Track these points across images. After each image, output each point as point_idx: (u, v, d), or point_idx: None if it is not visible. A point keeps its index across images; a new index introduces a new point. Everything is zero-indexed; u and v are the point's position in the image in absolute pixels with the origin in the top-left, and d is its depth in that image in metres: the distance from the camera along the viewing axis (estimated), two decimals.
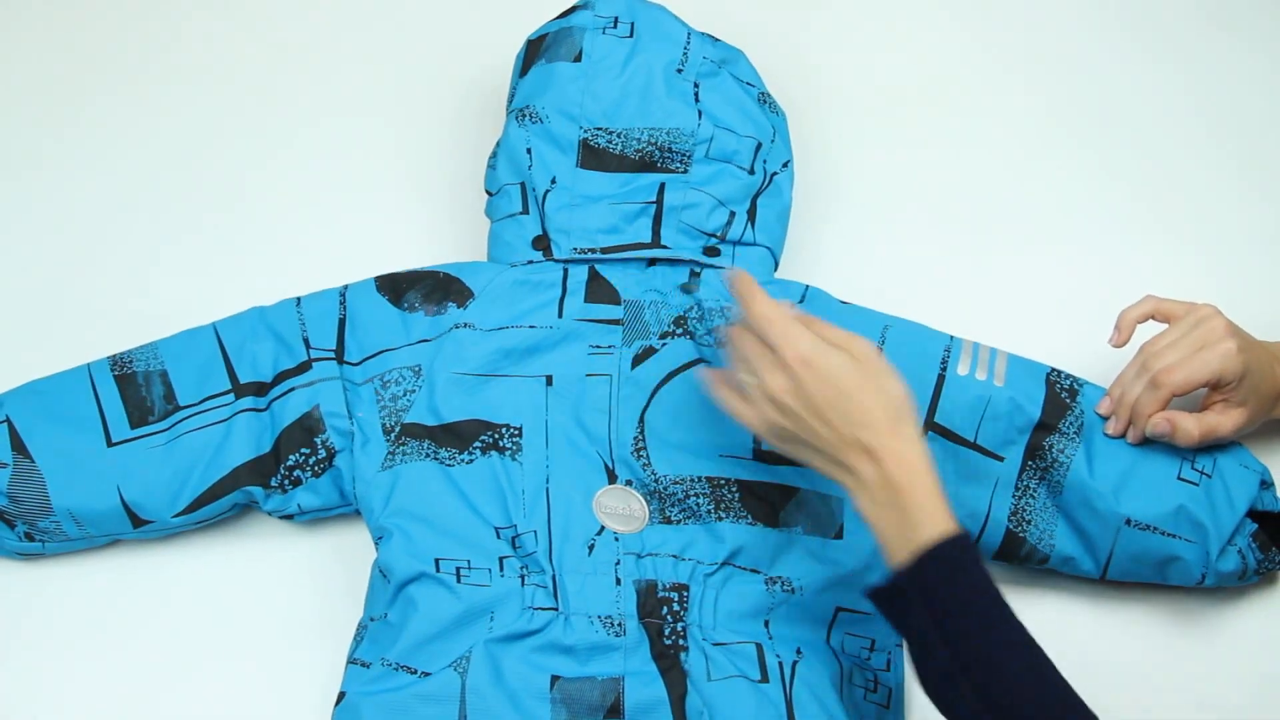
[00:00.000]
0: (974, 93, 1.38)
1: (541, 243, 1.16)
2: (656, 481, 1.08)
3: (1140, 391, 1.07)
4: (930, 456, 0.93)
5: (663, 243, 1.15)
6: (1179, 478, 1.07)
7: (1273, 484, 1.09)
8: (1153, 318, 1.10)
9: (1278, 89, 1.39)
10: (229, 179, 1.34)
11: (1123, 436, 1.09)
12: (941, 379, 1.11)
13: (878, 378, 0.94)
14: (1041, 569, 1.12)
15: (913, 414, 0.94)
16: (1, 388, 1.16)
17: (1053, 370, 1.13)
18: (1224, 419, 1.07)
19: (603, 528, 1.07)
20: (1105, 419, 1.10)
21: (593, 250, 1.15)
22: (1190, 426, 1.06)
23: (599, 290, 1.15)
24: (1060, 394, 1.11)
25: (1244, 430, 1.08)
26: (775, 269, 1.19)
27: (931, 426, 1.10)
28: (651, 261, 1.16)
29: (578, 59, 1.19)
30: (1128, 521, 1.07)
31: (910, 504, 0.91)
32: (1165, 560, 1.07)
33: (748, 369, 0.97)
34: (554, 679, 1.02)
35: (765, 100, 1.22)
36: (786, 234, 1.21)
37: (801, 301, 1.15)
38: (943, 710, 0.89)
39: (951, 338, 1.13)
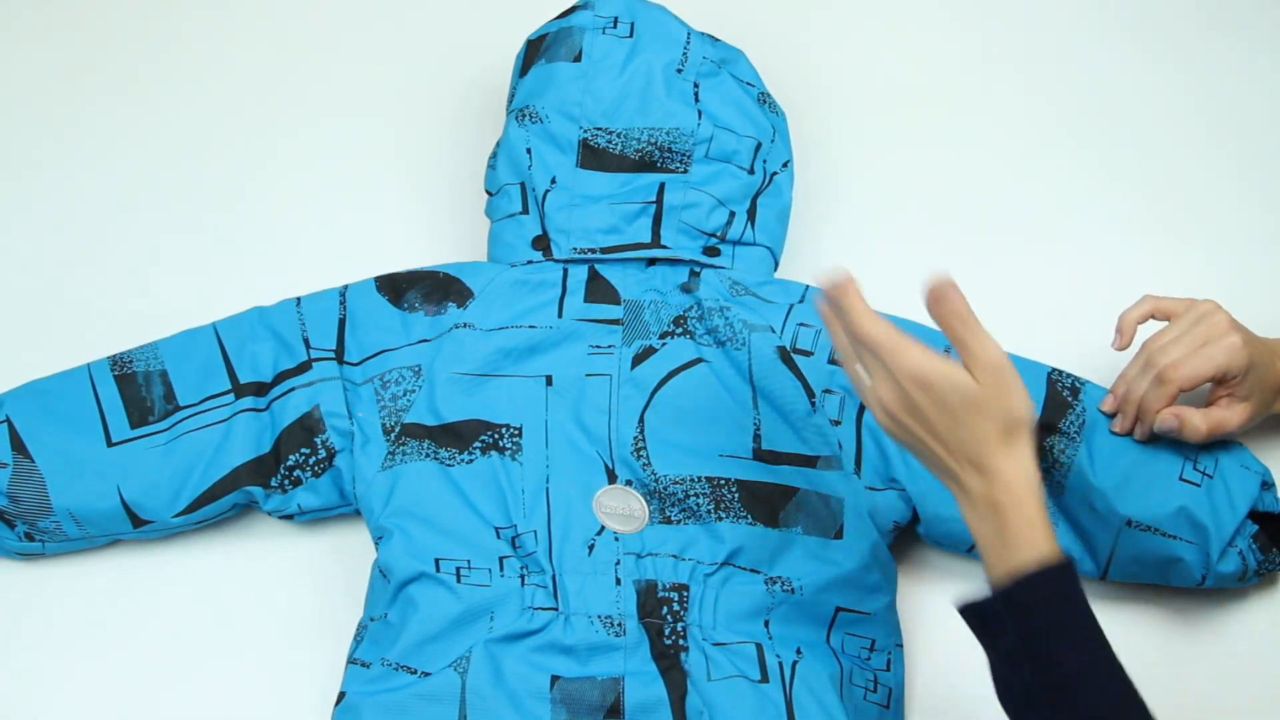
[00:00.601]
0: (974, 93, 1.38)
1: (541, 243, 1.16)
2: (656, 481, 1.08)
3: (1146, 388, 1.07)
4: (1038, 479, 0.91)
5: (662, 243, 1.15)
6: (1180, 478, 1.07)
7: (1273, 485, 1.09)
8: (1153, 316, 1.10)
9: (1278, 89, 1.38)
10: (229, 179, 1.34)
11: (1128, 434, 1.09)
12: None
13: (1000, 396, 0.90)
14: None
15: (1027, 434, 0.91)
16: (1, 387, 1.16)
17: (1054, 370, 1.13)
18: (1230, 414, 1.06)
19: (603, 528, 1.07)
20: (1109, 417, 1.10)
21: (592, 250, 1.15)
22: (1198, 422, 1.06)
23: (599, 290, 1.15)
24: (1062, 393, 1.11)
25: (1248, 425, 1.08)
26: (775, 269, 1.19)
27: None
28: (651, 261, 1.16)
29: (578, 59, 1.19)
30: (1129, 522, 1.06)
31: (1012, 526, 0.89)
32: (1166, 561, 1.07)
33: (864, 366, 0.95)
34: (554, 679, 1.02)
35: (765, 100, 1.22)
36: (786, 234, 1.21)
37: (801, 301, 1.15)
38: None
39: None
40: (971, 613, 0.91)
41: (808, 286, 1.16)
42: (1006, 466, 0.90)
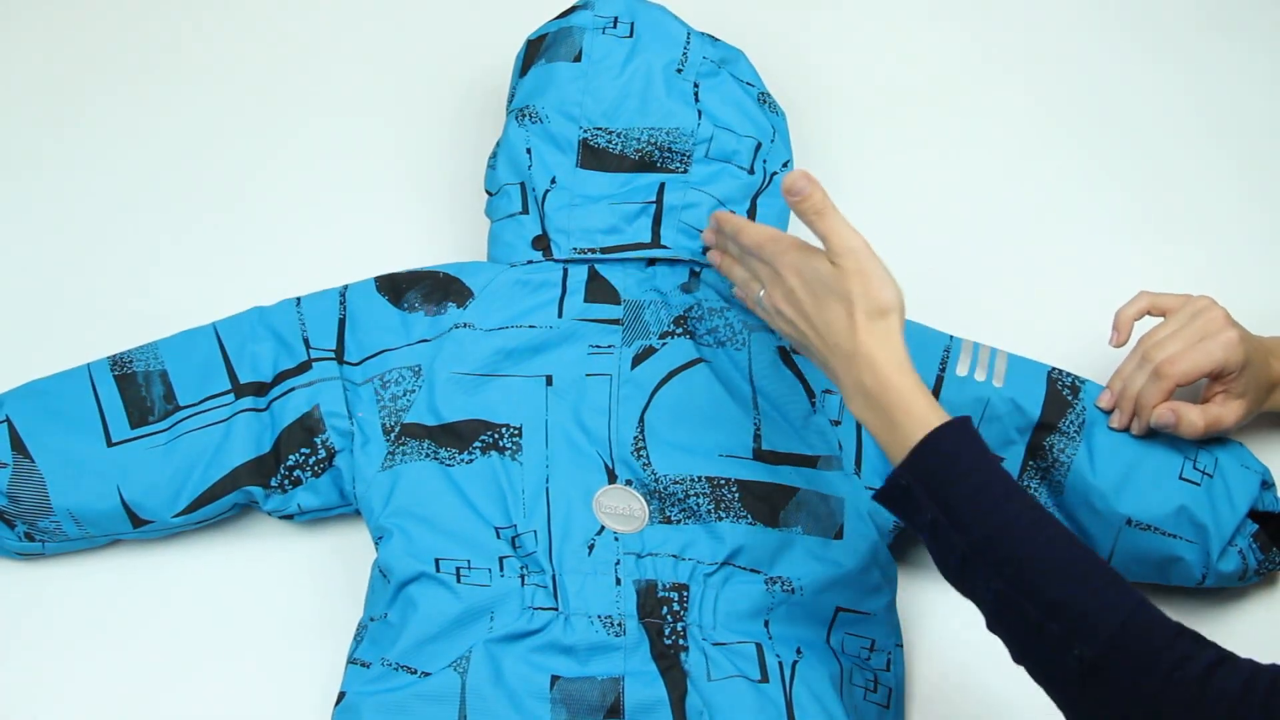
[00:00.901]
0: (974, 93, 1.38)
1: (541, 243, 1.16)
2: (656, 481, 1.08)
3: (1143, 383, 1.07)
4: (906, 359, 0.93)
5: (662, 243, 1.15)
6: (1180, 477, 1.07)
7: (1273, 484, 1.09)
8: (1149, 313, 1.10)
9: (1278, 89, 1.38)
10: (229, 179, 1.34)
11: (1126, 429, 1.09)
12: (940, 380, 1.11)
13: (860, 280, 0.94)
14: None
15: (896, 318, 0.94)
16: (1, 387, 1.16)
17: (1054, 369, 1.12)
18: (1225, 410, 1.07)
19: (603, 527, 1.07)
20: (1107, 414, 1.10)
21: (592, 250, 1.15)
22: (1195, 417, 1.06)
23: (599, 290, 1.15)
24: (1062, 392, 1.11)
25: (1244, 422, 1.08)
26: None
27: None
28: (651, 261, 1.16)
29: (577, 59, 1.19)
30: (1129, 521, 1.07)
31: (891, 404, 0.92)
32: (1166, 560, 1.07)
33: (757, 283, 1.02)
34: (554, 679, 1.02)
35: (765, 100, 1.22)
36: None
37: None
38: (966, 594, 0.90)
39: (951, 338, 1.13)
40: (887, 497, 0.93)
41: None
42: (871, 348, 0.93)
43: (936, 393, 1.10)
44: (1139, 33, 1.42)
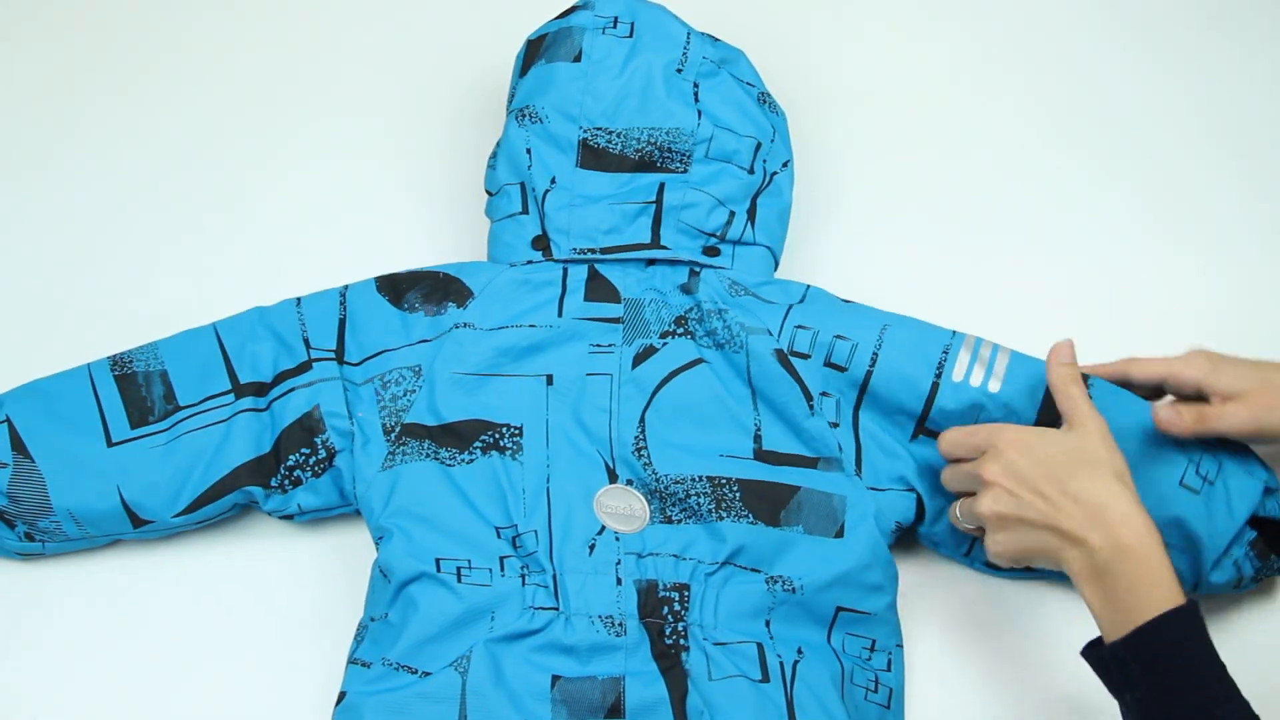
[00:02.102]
0: (974, 93, 1.38)
1: (541, 243, 1.16)
2: (657, 481, 1.08)
3: (1106, 365, 1.09)
4: (1153, 526, 0.93)
5: (662, 243, 1.15)
6: (1181, 484, 1.06)
7: (1277, 490, 1.07)
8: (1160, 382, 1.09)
9: (1277, 89, 1.38)
10: (230, 179, 1.34)
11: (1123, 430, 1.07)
12: (936, 387, 1.09)
13: (1095, 451, 0.96)
14: (1033, 574, 1.12)
15: (1132, 488, 0.95)
16: (2, 388, 1.16)
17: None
18: (1222, 412, 1.03)
19: (603, 527, 1.07)
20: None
21: (592, 250, 1.15)
22: (1194, 411, 1.03)
23: (599, 289, 1.15)
24: None
25: (1268, 428, 1.03)
26: (776, 268, 1.19)
27: (923, 431, 1.10)
28: (651, 261, 1.16)
29: (577, 59, 1.19)
30: None
31: (1127, 572, 0.91)
32: None
33: (970, 480, 1.01)
34: (555, 679, 1.02)
35: (765, 100, 1.22)
36: (787, 233, 1.21)
37: (801, 302, 1.15)
38: None
39: (954, 334, 1.11)
40: (1098, 660, 0.93)
41: (808, 287, 1.16)
42: (1130, 511, 0.93)
43: (931, 398, 1.09)
44: (1139, 32, 1.42)
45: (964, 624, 1.12)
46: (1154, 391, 1.09)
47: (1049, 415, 1.08)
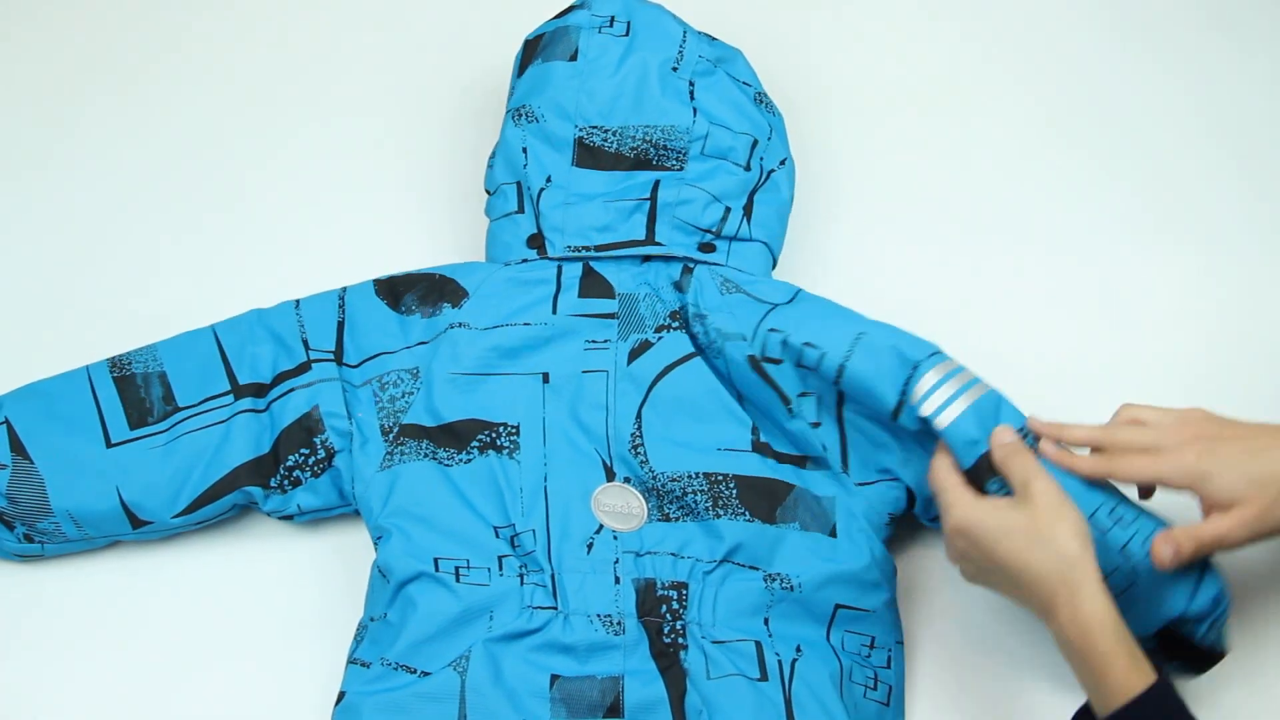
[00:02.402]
0: (973, 93, 1.38)
1: (536, 241, 1.16)
2: (654, 479, 1.08)
3: (1088, 461, 1.00)
4: (1110, 607, 0.91)
5: (657, 240, 1.15)
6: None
7: (1218, 609, 1.00)
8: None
9: (1277, 89, 1.38)
10: (230, 180, 1.34)
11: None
12: (900, 407, 1.05)
13: (1046, 529, 0.93)
14: None
15: (1085, 562, 0.92)
16: (2, 388, 1.16)
17: (1022, 428, 1.04)
18: (1215, 526, 0.95)
19: (601, 526, 1.07)
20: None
21: (587, 248, 1.15)
22: (1191, 541, 0.96)
23: (593, 285, 1.15)
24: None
25: (1266, 531, 0.95)
26: (774, 265, 1.19)
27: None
28: (646, 258, 1.16)
29: (574, 58, 1.19)
30: None
31: (1092, 662, 0.90)
32: None
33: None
34: (553, 678, 1.02)
35: (762, 100, 1.22)
36: (786, 232, 1.21)
37: (789, 303, 1.13)
38: None
39: (932, 355, 1.06)
40: None
41: (799, 290, 1.15)
42: (1072, 605, 0.91)
43: (897, 410, 1.05)
44: (1139, 33, 1.42)
45: (964, 621, 1.11)
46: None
47: (980, 473, 1.02)
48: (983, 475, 1.01)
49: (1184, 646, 1.03)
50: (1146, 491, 1.04)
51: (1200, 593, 0.99)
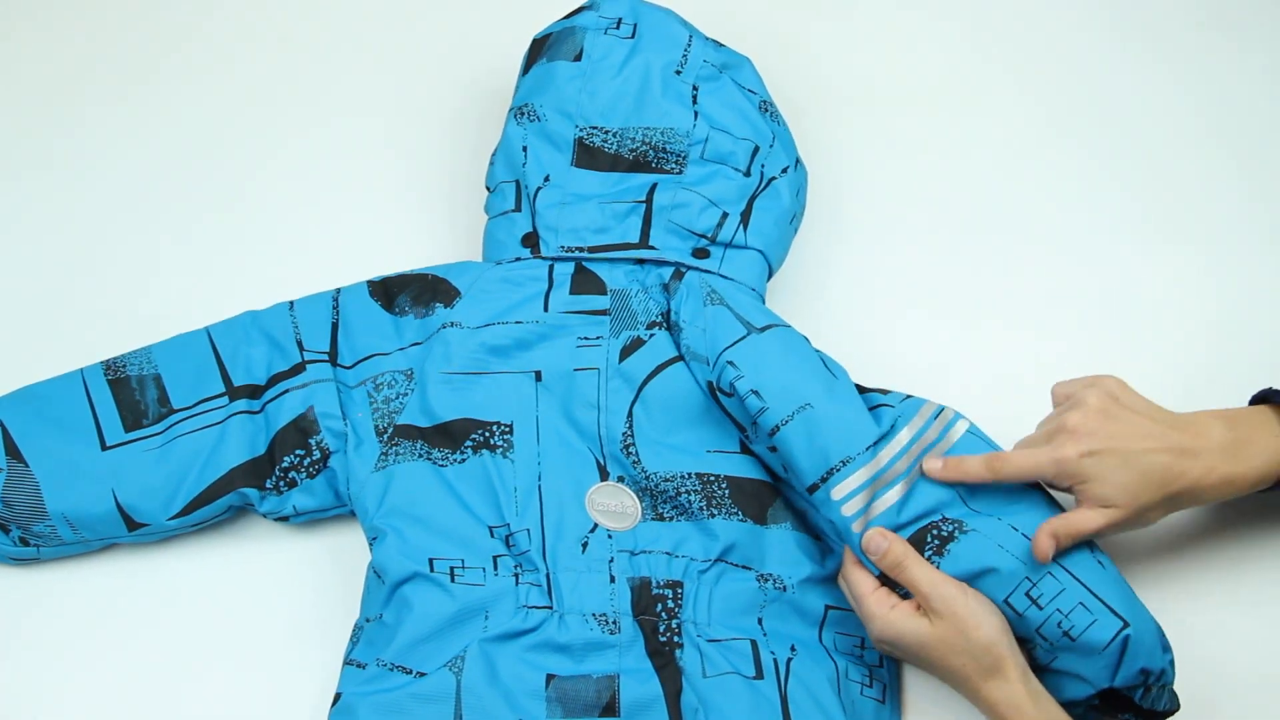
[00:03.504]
0: (976, 96, 1.38)
1: (530, 240, 1.16)
2: (647, 479, 1.07)
3: (975, 463, 1.01)
4: (1033, 692, 0.95)
5: (651, 243, 1.15)
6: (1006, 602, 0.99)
7: (1163, 674, 0.99)
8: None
9: (1277, 89, 1.38)
10: (230, 180, 1.34)
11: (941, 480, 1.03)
12: (814, 487, 1.02)
13: (961, 635, 0.96)
14: None
15: (1004, 658, 0.96)
16: (1, 387, 1.16)
17: (878, 527, 1.01)
18: (1086, 520, 0.98)
19: (596, 525, 1.07)
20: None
21: (580, 249, 1.15)
22: (1066, 532, 0.98)
23: (584, 282, 1.14)
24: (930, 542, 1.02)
25: (1132, 528, 1.00)
26: (770, 274, 1.18)
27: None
28: (639, 261, 1.16)
29: (578, 58, 1.19)
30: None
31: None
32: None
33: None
34: (549, 677, 1.01)
35: (767, 109, 1.22)
36: (789, 241, 1.21)
37: (762, 332, 1.08)
38: None
39: (872, 445, 1.02)
40: None
41: (776, 322, 1.10)
42: (994, 696, 0.96)
43: (812, 491, 1.02)
44: (1140, 34, 1.42)
45: None
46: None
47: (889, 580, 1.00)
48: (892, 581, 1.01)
49: (1123, 707, 1.01)
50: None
51: (1123, 669, 0.97)
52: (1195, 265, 1.28)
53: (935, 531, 1.00)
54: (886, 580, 1.00)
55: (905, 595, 1.00)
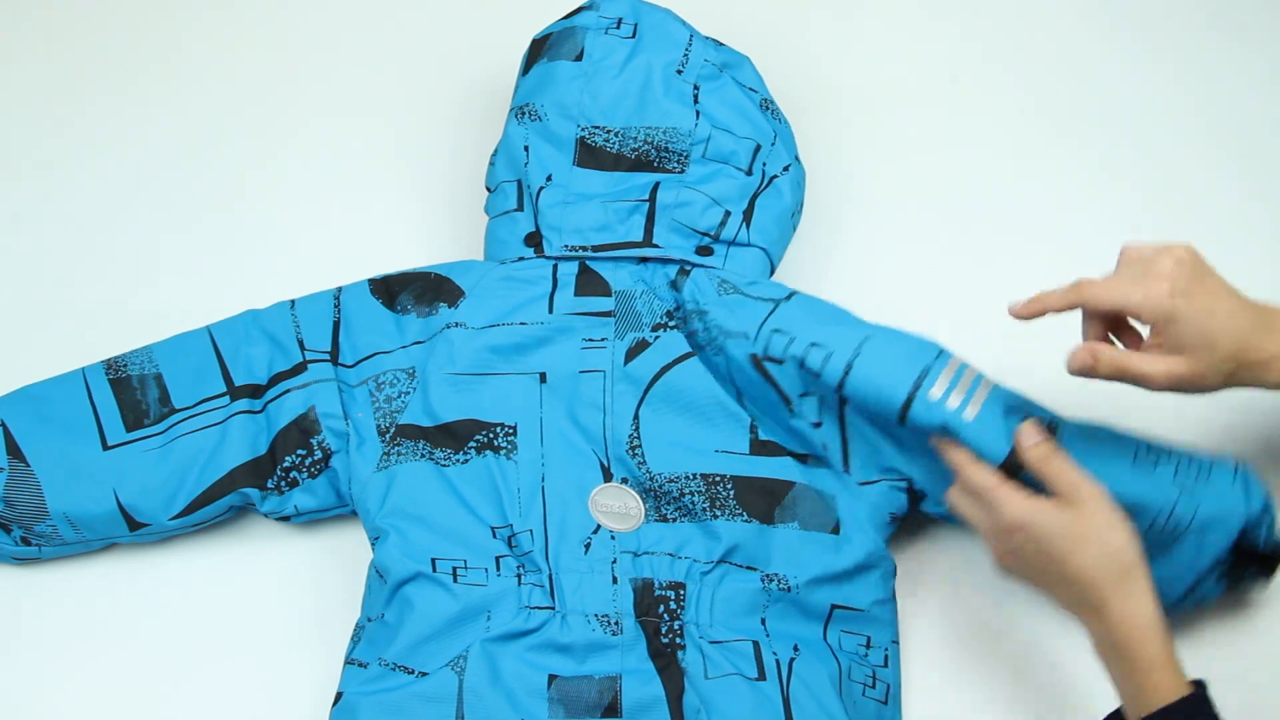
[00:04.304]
0: (977, 95, 1.38)
1: (534, 239, 1.16)
2: (652, 480, 1.07)
3: (1057, 294, 1.01)
4: (1157, 611, 0.93)
5: (654, 242, 1.15)
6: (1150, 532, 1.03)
7: (1272, 512, 1.05)
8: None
9: (1278, 89, 1.38)
10: (230, 179, 1.34)
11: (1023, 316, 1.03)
12: (910, 400, 1.04)
13: (1098, 532, 0.94)
14: None
15: (1137, 566, 0.94)
16: (1, 387, 1.16)
17: (1033, 412, 1.06)
18: (1146, 362, 0.97)
19: (599, 526, 1.06)
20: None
21: (584, 248, 1.15)
22: (1111, 358, 0.98)
23: (589, 283, 1.14)
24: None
25: (1186, 386, 0.98)
26: (771, 273, 1.18)
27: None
28: (643, 259, 1.16)
29: (579, 58, 1.19)
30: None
31: (1137, 664, 0.91)
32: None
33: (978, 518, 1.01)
34: (551, 678, 1.01)
35: (768, 106, 1.22)
36: (789, 238, 1.21)
37: (788, 300, 1.12)
38: None
39: (940, 354, 1.06)
40: None
41: (794, 291, 1.13)
42: (1120, 604, 0.93)
43: (905, 408, 1.04)
44: (1140, 33, 1.42)
45: (962, 619, 1.11)
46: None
47: (1012, 470, 1.02)
48: (1013, 472, 1.01)
49: (1248, 558, 1.05)
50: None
51: (1252, 493, 1.04)
52: None
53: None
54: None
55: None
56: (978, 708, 1.08)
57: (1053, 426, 1.05)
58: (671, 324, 1.13)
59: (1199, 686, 0.90)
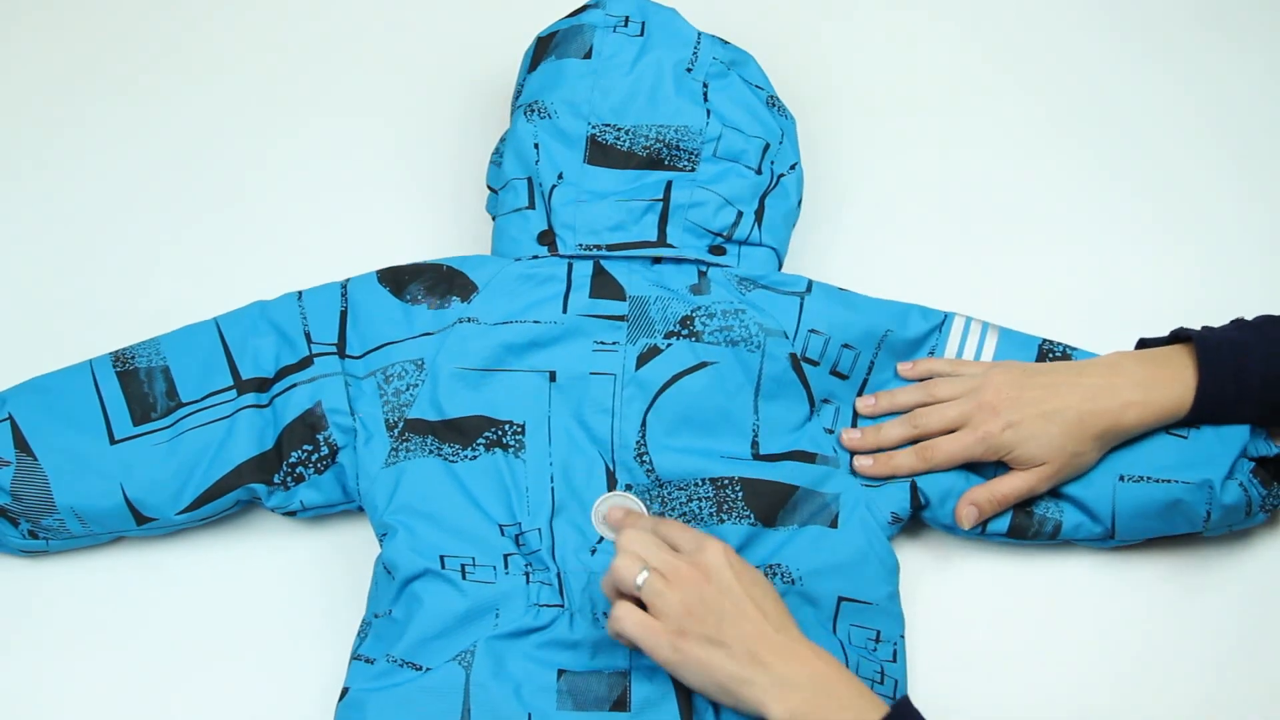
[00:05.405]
0: (978, 95, 1.38)
1: (547, 238, 1.16)
2: (660, 487, 1.08)
3: (906, 456, 1.10)
4: (823, 650, 0.95)
5: (669, 241, 1.15)
6: (1167, 432, 1.09)
7: (1264, 432, 1.10)
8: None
9: (1277, 89, 1.39)
10: (231, 178, 1.33)
11: (874, 476, 1.11)
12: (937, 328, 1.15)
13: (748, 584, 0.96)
14: (1055, 543, 1.12)
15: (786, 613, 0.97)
16: (3, 385, 1.16)
17: (1045, 341, 1.16)
18: (1021, 482, 1.08)
19: (602, 538, 1.07)
20: (855, 451, 1.12)
21: (598, 247, 1.15)
22: (989, 498, 1.08)
23: (604, 286, 1.14)
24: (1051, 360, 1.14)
25: (1067, 479, 1.09)
26: (779, 270, 1.19)
27: None
28: (657, 259, 1.16)
29: (588, 56, 1.19)
30: (1121, 478, 1.08)
31: (828, 707, 0.92)
32: (1167, 507, 1.07)
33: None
34: (560, 672, 1.01)
35: (774, 104, 1.22)
36: (790, 237, 1.21)
37: (808, 292, 1.15)
38: None
39: (945, 317, 1.16)
40: None
41: (811, 281, 1.16)
42: (793, 649, 0.94)
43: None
44: (1140, 33, 1.42)
45: (968, 614, 1.12)
46: None
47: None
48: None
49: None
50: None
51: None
52: (1195, 265, 1.28)
53: (1052, 354, 1.16)
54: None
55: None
56: (979, 708, 1.08)
57: (1064, 355, 1.15)
58: (684, 333, 1.13)
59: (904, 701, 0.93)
